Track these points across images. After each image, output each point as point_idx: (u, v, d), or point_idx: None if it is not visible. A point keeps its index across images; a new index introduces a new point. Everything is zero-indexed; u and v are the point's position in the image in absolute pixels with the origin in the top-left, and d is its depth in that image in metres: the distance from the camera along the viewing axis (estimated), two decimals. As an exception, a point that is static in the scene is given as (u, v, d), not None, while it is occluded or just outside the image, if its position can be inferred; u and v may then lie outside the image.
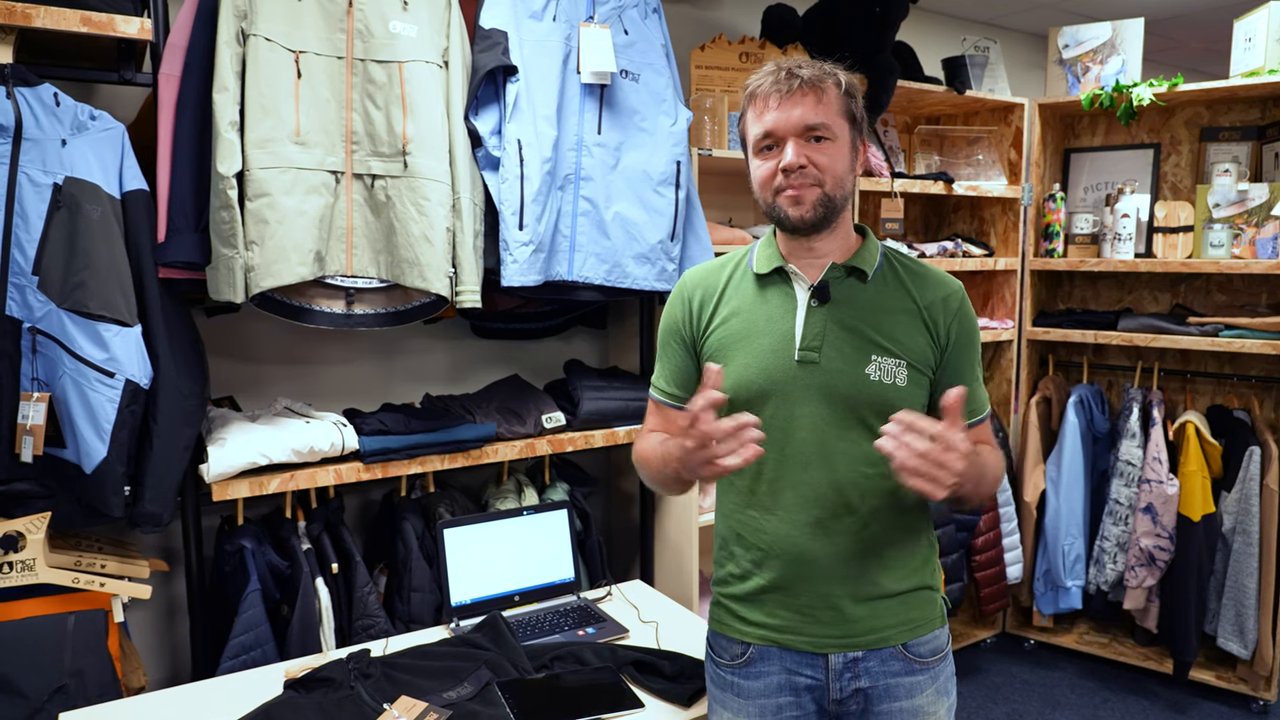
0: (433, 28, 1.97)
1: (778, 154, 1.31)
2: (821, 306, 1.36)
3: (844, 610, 1.36)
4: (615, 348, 2.79)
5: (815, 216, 1.32)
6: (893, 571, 1.37)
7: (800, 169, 1.30)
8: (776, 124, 1.31)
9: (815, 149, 1.30)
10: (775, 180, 1.32)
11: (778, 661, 1.40)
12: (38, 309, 1.68)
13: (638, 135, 2.25)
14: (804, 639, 1.38)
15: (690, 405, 1.20)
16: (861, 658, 1.37)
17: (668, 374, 1.51)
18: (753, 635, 1.41)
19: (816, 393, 1.34)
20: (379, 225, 1.92)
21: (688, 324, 1.46)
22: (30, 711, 1.61)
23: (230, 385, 2.24)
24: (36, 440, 1.68)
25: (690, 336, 1.46)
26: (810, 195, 1.31)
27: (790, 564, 1.37)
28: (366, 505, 2.45)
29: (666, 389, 1.51)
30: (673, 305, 1.50)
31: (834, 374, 1.33)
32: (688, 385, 1.49)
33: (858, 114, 1.35)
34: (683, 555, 2.49)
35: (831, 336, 1.35)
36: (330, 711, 1.56)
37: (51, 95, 1.70)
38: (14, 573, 1.66)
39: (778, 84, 1.31)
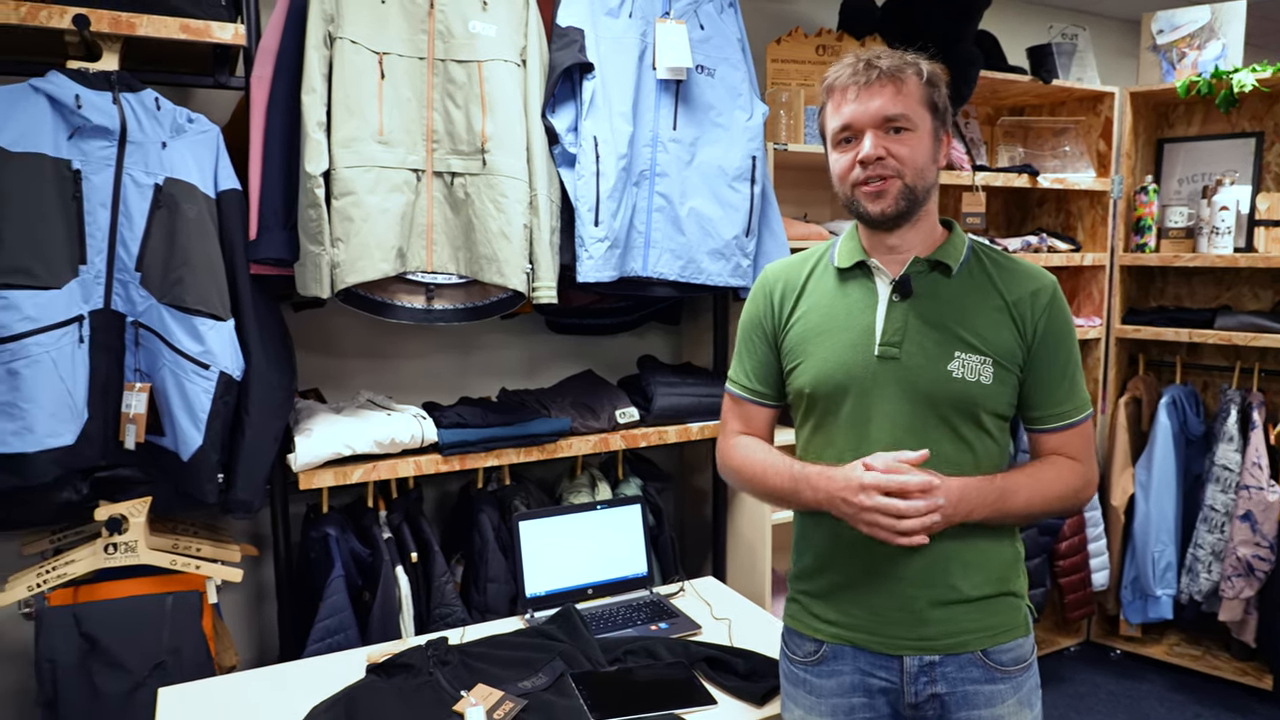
0: (511, 27, 2.00)
1: (856, 146, 1.29)
2: (903, 301, 1.33)
3: (919, 612, 1.33)
4: (689, 344, 2.79)
5: (896, 210, 1.29)
6: (973, 576, 1.34)
7: (878, 160, 1.27)
8: (854, 116, 1.28)
9: (894, 140, 1.28)
10: (853, 173, 1.30)
11: (851, 661, 1.38)
12: (140, 304, 1.76)
13: (713, 130, 2.24)
14: (877, 639, 1.35)
15: (884, 463, 1.25)
16: (938, 662, 1.34)
17: (749, 369, 1.49)
18: (826, 633, 1.40)
19: (896, 389, 1.32)
20: (458, 222, 1.96)
21: (769, 318, 1.45)
22: (133, 685, 1.70)
23: (316, 378, 2.32)
24: (138, 428, 1.76)
25: (771, 330, 1.45)
26: (891, 188, 1.28)
27: (863, 563, 1.35)
28: (444, 496, 2.50)
29: (748, 384, 1.50)
30: (754, 299, 1.49)
31: (915, 370, 1.31)
32: (769, 381, 1.48)
33: (940, 104, 1.32)
34: (756, 553, 2.48)
35: (913, 332, 1.32)
36: (410, 696, 1.60)
37: (153, 100, 1.78)
38: (118, 553, 1.75)
39: (855, 75, 1.29)
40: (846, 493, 1.25)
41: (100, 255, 1.73)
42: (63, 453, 1.69)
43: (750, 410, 1.50)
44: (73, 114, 1.68)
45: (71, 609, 1.70)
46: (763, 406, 1.50)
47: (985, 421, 1.31)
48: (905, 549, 1.32)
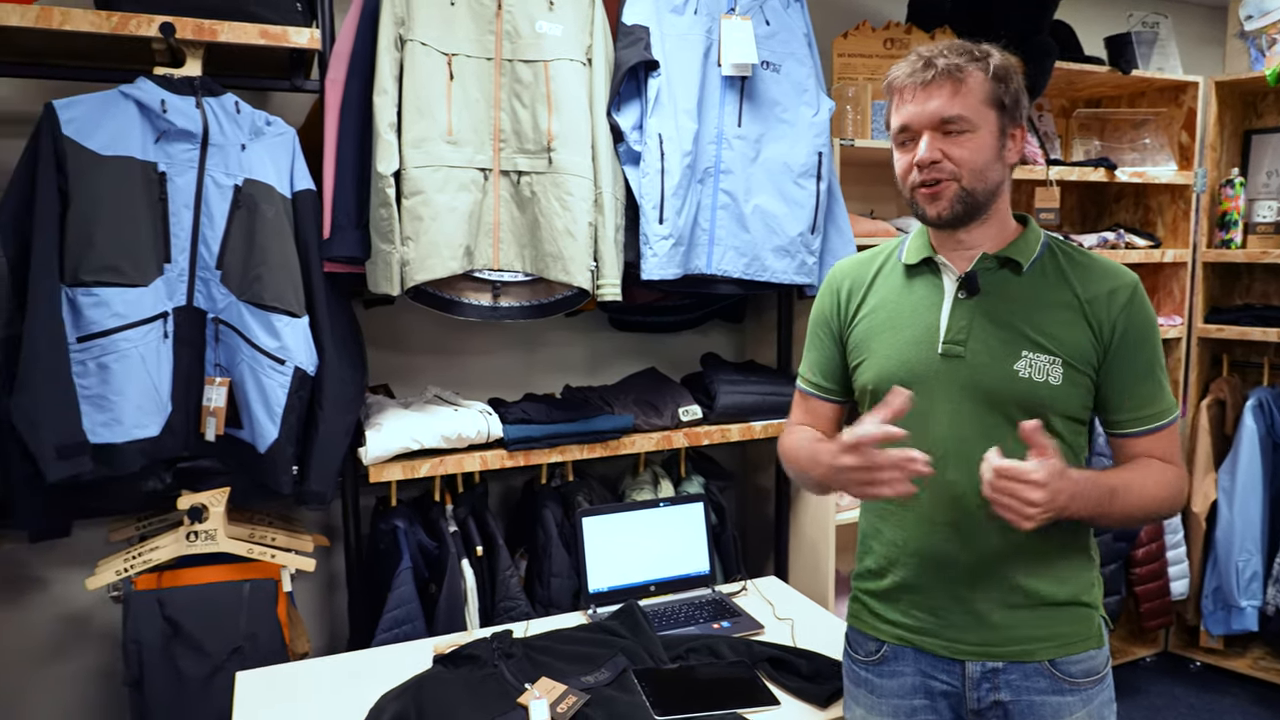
0: (577, 26, 2.01)
1: (914, 148, 1.27)
2: (969, 299, 1.31)
3: (982, 617, 1.30)
4: (752, 342, 2.77)
5: (952, 213, 1.27)
6: (1041, 581, 1.30)
7: (933, 164, 1.25)
8: (911, 117, 1.26)
9: (951, 142, 1.25)
10: (911, 175, 1.28)
11: (912, 663, 1.36)
12: (220, 301, 1.82)
13: (778, 127, 2.22)
14: (939, 642, 1.33)
15: (860, 426, 1.20)
16: (1002, 669, 1.30)
17: (814, 365, 1.50)
18: (887, 634, 1.38)
19: (959, 388, 1.29)
20: (524, 220, 1.98)
21: (835, 314, 1.45)
22: (212, 669, 1.76)
23: (385, 374, 2.37)
24: (218, 421, 1.83)
25: (837, 327, 1.45)
26: (947, 191, 1.26)
27: (924, 564, 1.33)
28: (508, 491, 2.53)
29: (813, 380, 1.50)
30: (823, 295, 1.49)
31: (979, 369, 1.28)
32: (834, 377, 1.48)
33: (1009, 100, 1.27)
34: (819, 553, 2.45)
35: (978, 330, 1.29)
36: (475, 687, 1.62)
37: (233, 103, 1.84)
38: (199, 541, 1.82)
39: (913, 74, 1.26)
40: (835, 460, 1.23)
41: (183, 254, 1.80)
42: (148, 443, 1.77)
43: (814, 405, 1.51)
44: (159, 118, 1.75)
45: (156, 594, 1.77)
46: (826, 401, 1.50)
47: (1055, 423, 1.28)
48: (965, 552, 1.29)
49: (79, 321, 1.68)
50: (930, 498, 1.31)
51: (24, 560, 2.12)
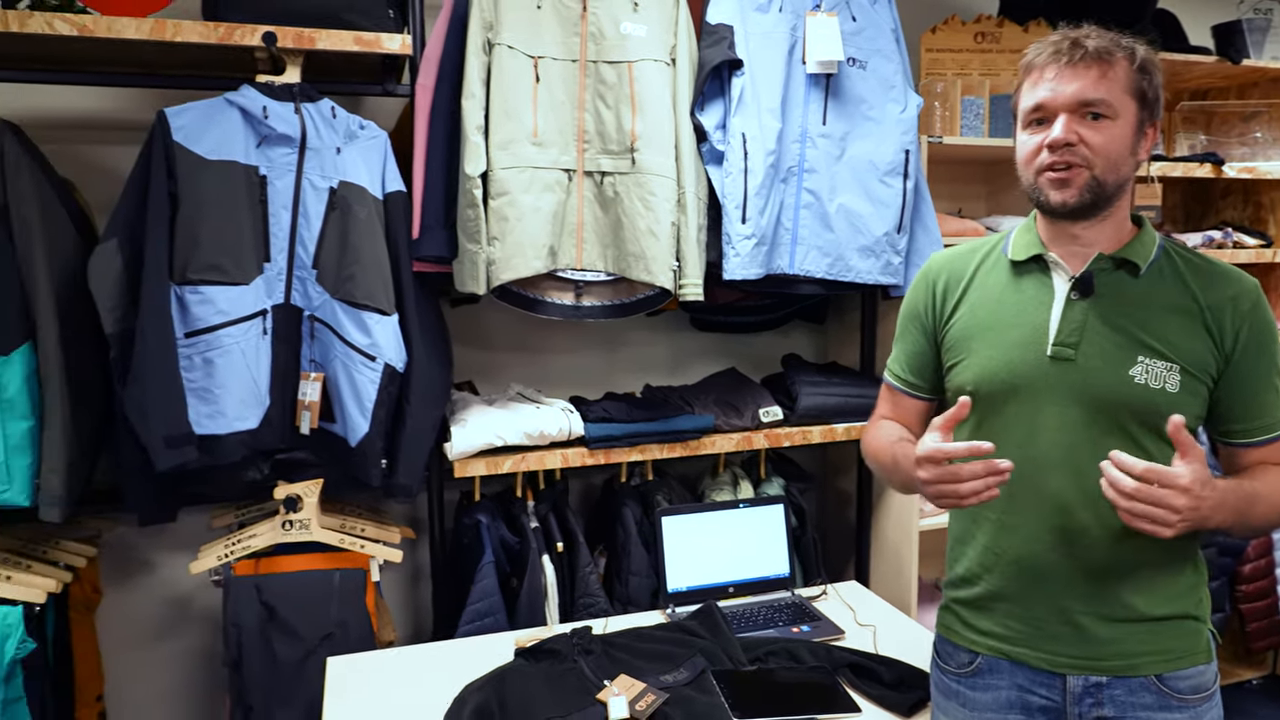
0: (661, 26, 2.01)
1: (1046, 129, 1.22)
2: (1083, 300, 1.25)
3: (1085, 629, 1.25)
4: (835, 343, 2.73)
5: (1079, 202, 1.21)
6: (1148, 594, 1.25)
7: (1067, 146, 1.19)
8: (1049, 96, 1.21)
9: (1090, 127, 1.19)
10: (1040, 158, 1.22)
11: (1008, 676, 1.31)
12: (315, 299, 1.89)
13: (864, 124, 2.19)
14: (1038, 655, 1.28)
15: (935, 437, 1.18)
16: (1106, 684, 1.25)
17: (904, 360, 1.47)
18: (981, 645, 1.34)
19: (1069, 393, 1.24)
20: (607, 220, 2.00)
21: (930, 310, 1.41)
22: (305, 653, 1.82)
23: (469, 371, 2.42)
24: (312, 415, 1.90)
25: (931, 324, 1.41)
26: (1078, 178, 1.20)
27: (1024, 573, 1.28)
28: (588, 489, 2.56)
29: (901, 375, 1.47)
30: (916, 289, 1.44)
31: (1091, 374, 1.23)
32: (923, 373, 1.44)
33: (1151, 94, 1.22)
34: (902, 559, 2.40)
35: (1092, 333, 1.24)
36: (555, 681, 1.64)
37: (329, 109, 1.90)
38: (294, 530, 1.89)
39: (1059, 54, 1.21)
40: (915, 470, 1.20)
41: (282, 254, 1.87)
42: (248, 435, 1.85)
43: (900, 399, 1.48)
44: (260, 124, 1.82)
45: (254, 579, 1.84)
46: (912, 397, 1.47)
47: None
48: (1069, 562, 1.24)
49: (186, 318, 1.76)
50: (1032, 505, 1.27)
51: (133, 544, 2.24)
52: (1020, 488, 1.26)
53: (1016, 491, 1.27)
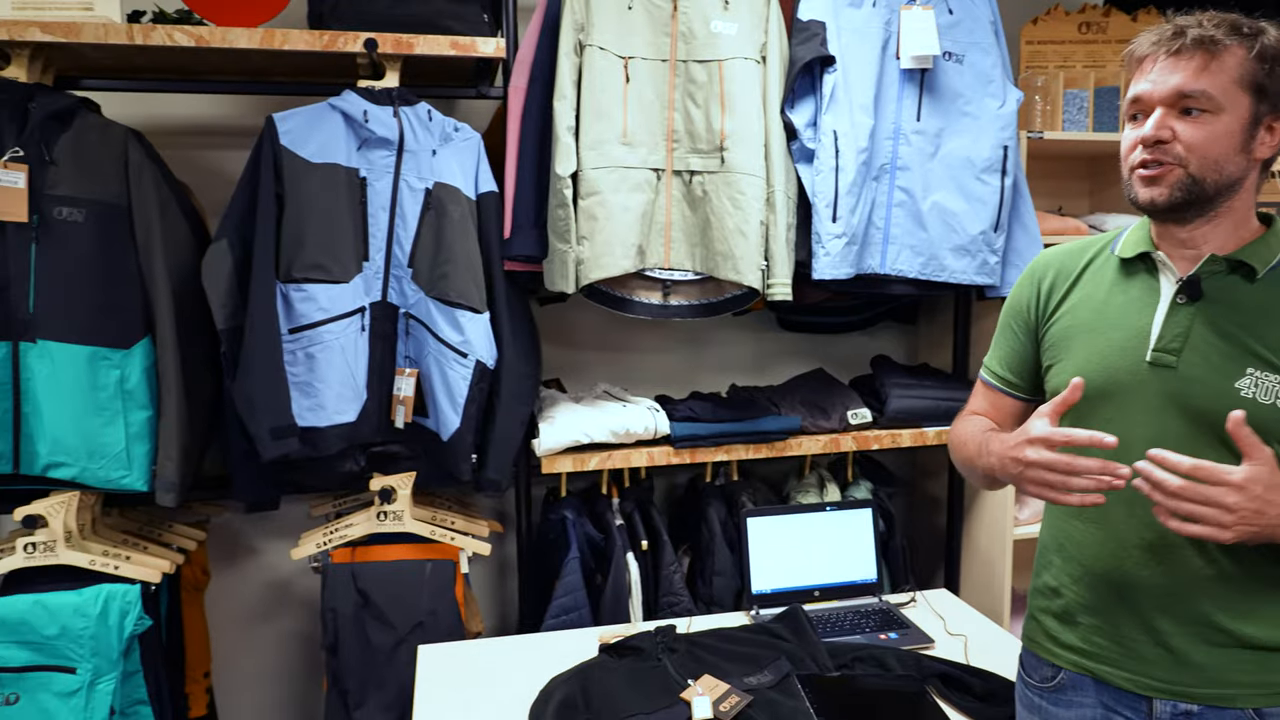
0: (752, 24, 2.00)
1: (1144, 124, 1.15)
2: (1189, 304, 1.18)
3: (1176, 652, 1.17)
4: (926, 344, 2.67)
5: (1169, 201, 1.14)
6: (1250, 620, 1.15)
7: (1158, 144, 1.13)
8: (1147, 89, 1.14)
9: (1186, 122, 1.12)
10: (1133, 154, 1.16)
11: (1093, 694, 1.25)
12: (411, 296, 1.95)
13: (960, 120, 2.13)
14: (1123, 674, 1.21)
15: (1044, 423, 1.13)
16: (1197, 713, 1.16)
17: (1002, 356, 1.41)
18: (1065, 659, 1.28)
19: (1167, 401, 1.17)
20: (695, 220, 2.00)
21: (1033, 307, 1.35)
22: (397, 640, 1.88)
23: (557, 368, 2.45)
24: (407, 409, 1.95)
25: (1034, 321, 1.35)
26: (1169, 176, 1.13)
27: (1111, 588, 1.22)
28: (671, 488, 2.56)
29: (998, 372, 1.42)
30: (1021, 285, 1.39)
31: (1193, 383, 1.15)
32: (1021, 372, 1.39)
33: (1271, 86, 1.12)
34: (994, 568, 2.33)
35: (1196, 339, 1.16)
36: (639, 679, 1.65)
37: (425, 112, 1.96)
38: (388, 520, 1.95)
39: (1159, 44, 1.14)
40: (1015, 450, 1.14)
41: (380, 253, 1.93)
42: (346, 428, 1.91)
43: (996, 399, 1.43)
44: (361, 127, 1.89)
45: (350, 567, 1.91)
46: (1009, 396, 1.41)
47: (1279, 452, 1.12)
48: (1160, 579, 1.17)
49: (290, 314, 1.84)
50: (1123, 516, 1.20)
51: (239, 529, 2.36)
52: (1111, 498, 1.19)
53: (1110, 502, 1.20)
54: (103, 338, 1.77)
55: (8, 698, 1.69)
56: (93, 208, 1.75)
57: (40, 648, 1.70)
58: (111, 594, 1.74)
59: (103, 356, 1.77)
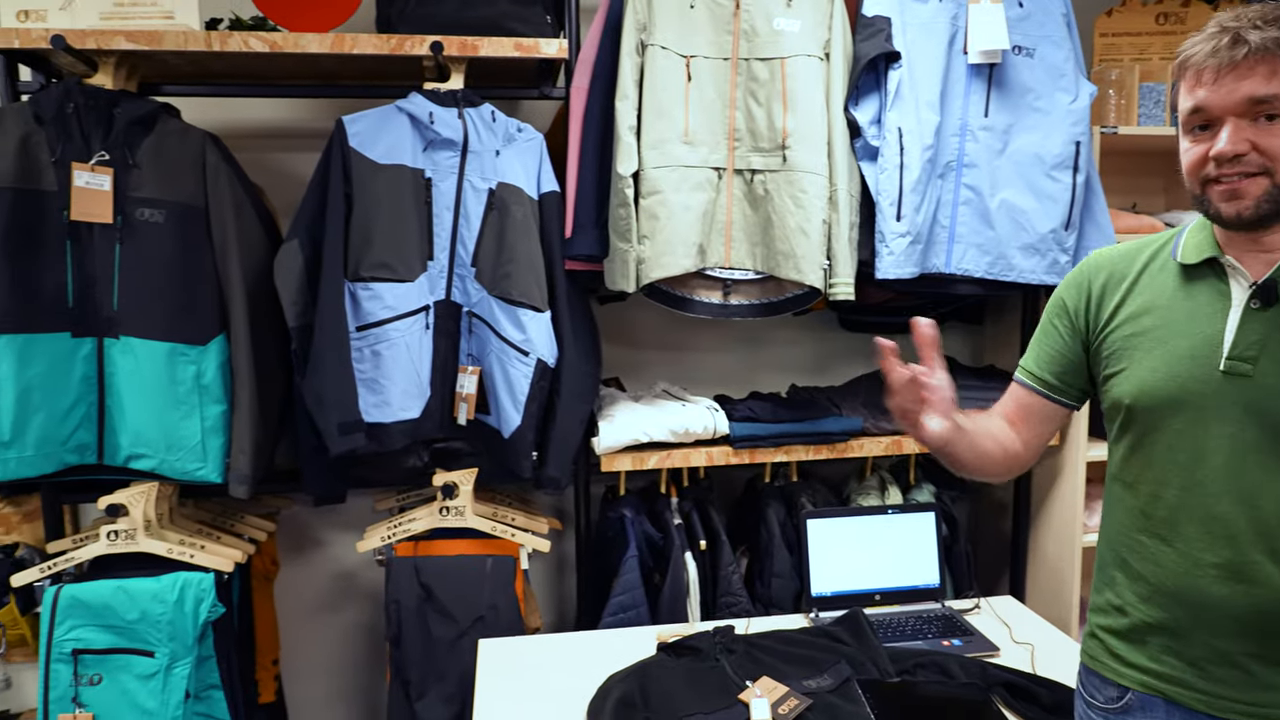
0: (815, 21, 1.98)
1: (1211, 136, 1.09)
2: (1265, 309, 1.12)
3: (1254, 673, 1.12)
4: (992, 345, 2.61)
5: (1256, 214, 1.08)
6: None
7: (1236, 158, 1.06)
8: (1211, 99, 1.07)
9: (1264, 131, 1.05)
10: (1205, 169, 1.10)
11: (1164, 715, 1.19)
12: (474, 295, 1.98)
13: (1030, 116, 2.07)
14: (1197, 696, 1.16)
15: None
16: None
17: (1044, 357, 1.34)
18: (1132, 679, 1.22)
19: (1243, 412, 1.11)
20: (756, 219, 1.99)
21: (1083, 311, 1.29)
22: (458, 633, 1.91)
23: (616, 367, 2.46)
24: (469, 407, 1.98)
25: (1084, 325, 1.29)
26: (1251, 189, 1.07)
27: (1185, 607, 1.16)
28: (730, 488, 2.55)
29: (1037, 373, 1.34)
30: (1069, 286, 1.33)
31: (1271, 392, 1.09)
32: (1063, 375, 1.32)
33: None
34: (1062, 576, 2.27)
35: (1274, 347, 1.10)
36: (697, 679, 1.65)
37: (489, 113, 1.98)
38: (450, 516, 1.98)
39: (1216, 51, 1.07)
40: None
41: (444, 252, 1.97)
42: (410, 424, 1.95)
43: (1025, 397, 1.35)
44: (427, 129, 1.92)
45: (413, 560, 1.95)
46: (1039, 396, 1.34)
47: None
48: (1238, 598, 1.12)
49: (358, 312, 1.88)
50: (1195, 533, 1.15)
51: (307, 522, 2.42)
52: (1183, 513, 1.15)
53: (1179, 516, 1.16)
54: (181, 334, 1.83)
55: (92, 678, 1.76)
56: (172, 209, 1.82)
57: (122, 631, 1.77)
58: (187, 581, 1.80)
59: (181, 352, 1.83)
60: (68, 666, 1.76)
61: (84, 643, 1.77)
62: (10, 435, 1.74)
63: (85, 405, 1.84)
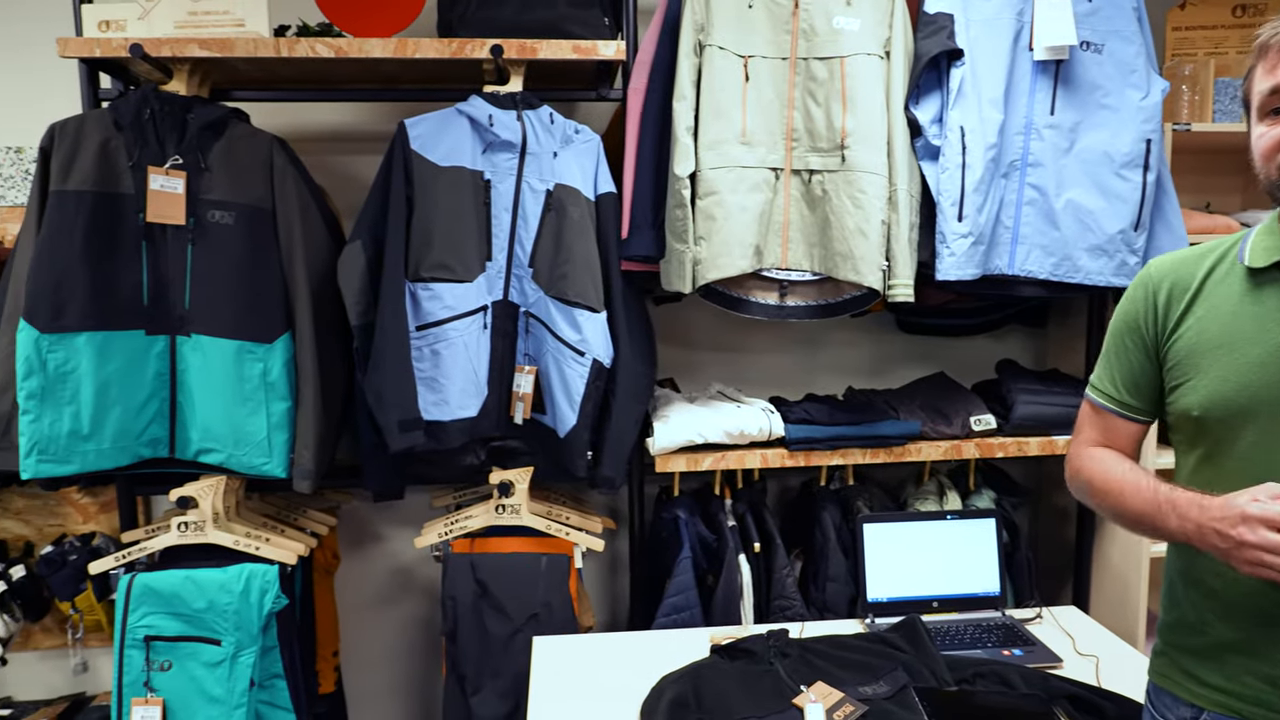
0: (875, 19, 1.96)
1: None
2: None
3: None
4: (1056, 349, 2.54)
5: None
6: None
7: None
8: None
9: None
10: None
11: None
12: (531, 295, 2.00)
13: (1098, 113, 2.02)
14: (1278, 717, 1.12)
15: (1272, 491, 1.02)
16: None
17: (1118, 377, 1.30)
18: (1207, 699, 1.18)
19: None
20: (814, 219, 1.97)
21: (1150, 321, 1.25)
22: (513, 630, 1.93)
23: (671, 368, 2.46)
24: (525, 406, 2.00)
25: (1152, 336, 1.25)
26: None
27: (1263, 625, 1.12)
28: (784, 490, 2.53)
29: (1114, 394, 1.31)
30: (1133, 297, 1.29)
31: None
32: (1140, 393, 1.28)
33: None
34: (1129, 587, 2.20)
35: None
36: (751, 682, 1.64)
37: (547, 115, 2.00)
38: (505, 514, 2.01)
39: None
40: (1223, 524, 1.04)
41: (502, 253, 1.99)
42: (468, 423, 1.98)
43: (1113, 423, 1.31)
44: (486, 131, 1.95)
45: (469, 557, 1.98)
46: (1128, 420, 1.30)
47: None
48: None
49: (418, 312, 1.92)
50: None
51: (366, 517, 2.47)
52: None
53: None
54: (248, 332, 1.88)
55: (162, 664, 1.83)
56: (241, 211, 1.87)
57: (190, 620, 1.83)
58: (253, 573, 1.85)
59: (248, 350, 1.88)
60: (140, 652, 1.82)
61: (155, 630, 1.83)
62: (89, 429, 1.81)
63: (158, 401, 1.90)
